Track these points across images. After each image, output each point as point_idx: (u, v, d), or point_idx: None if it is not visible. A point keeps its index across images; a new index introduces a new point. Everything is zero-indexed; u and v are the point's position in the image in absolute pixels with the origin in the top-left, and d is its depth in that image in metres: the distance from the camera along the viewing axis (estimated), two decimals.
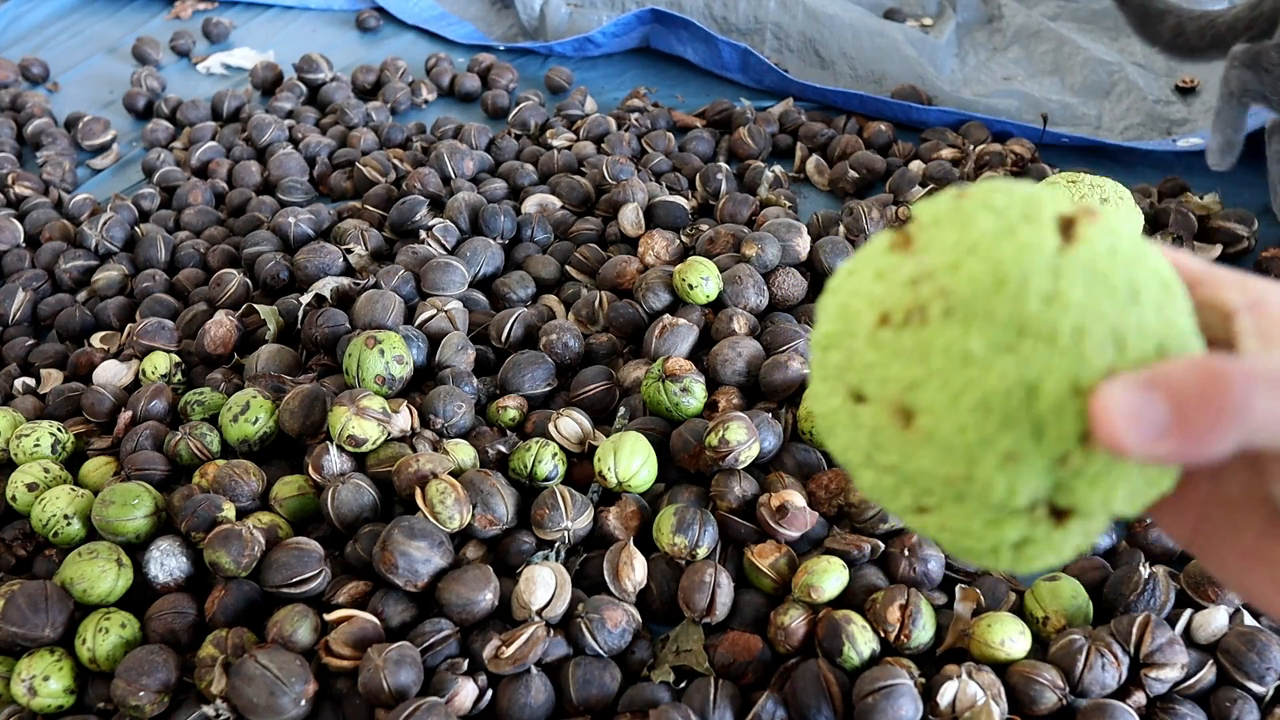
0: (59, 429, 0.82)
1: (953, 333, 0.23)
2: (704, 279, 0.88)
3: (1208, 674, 0.63)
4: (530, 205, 1.08)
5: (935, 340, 0.24)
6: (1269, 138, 1.02)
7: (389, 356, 0.80)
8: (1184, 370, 0.22)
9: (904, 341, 0.24)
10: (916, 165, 1.14)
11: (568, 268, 1.01)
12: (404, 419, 0.78)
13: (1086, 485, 0.24)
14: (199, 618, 0.68)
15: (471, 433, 0.81)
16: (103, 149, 1.35)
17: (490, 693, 0.63)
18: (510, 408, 0.82)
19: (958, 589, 0.68)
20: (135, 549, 0.72)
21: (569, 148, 1.20)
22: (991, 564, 0.26)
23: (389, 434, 0.77)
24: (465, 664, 0.64)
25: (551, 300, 0.97)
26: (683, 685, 0.64)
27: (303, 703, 0.60)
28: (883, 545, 0.71)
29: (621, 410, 0.83)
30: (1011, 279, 0.23)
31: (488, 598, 0.66)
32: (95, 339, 0.97)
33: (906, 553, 0.69)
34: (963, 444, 0.24)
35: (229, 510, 0.72)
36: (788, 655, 0.66)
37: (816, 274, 0.96)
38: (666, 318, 0.87)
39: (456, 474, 0.73)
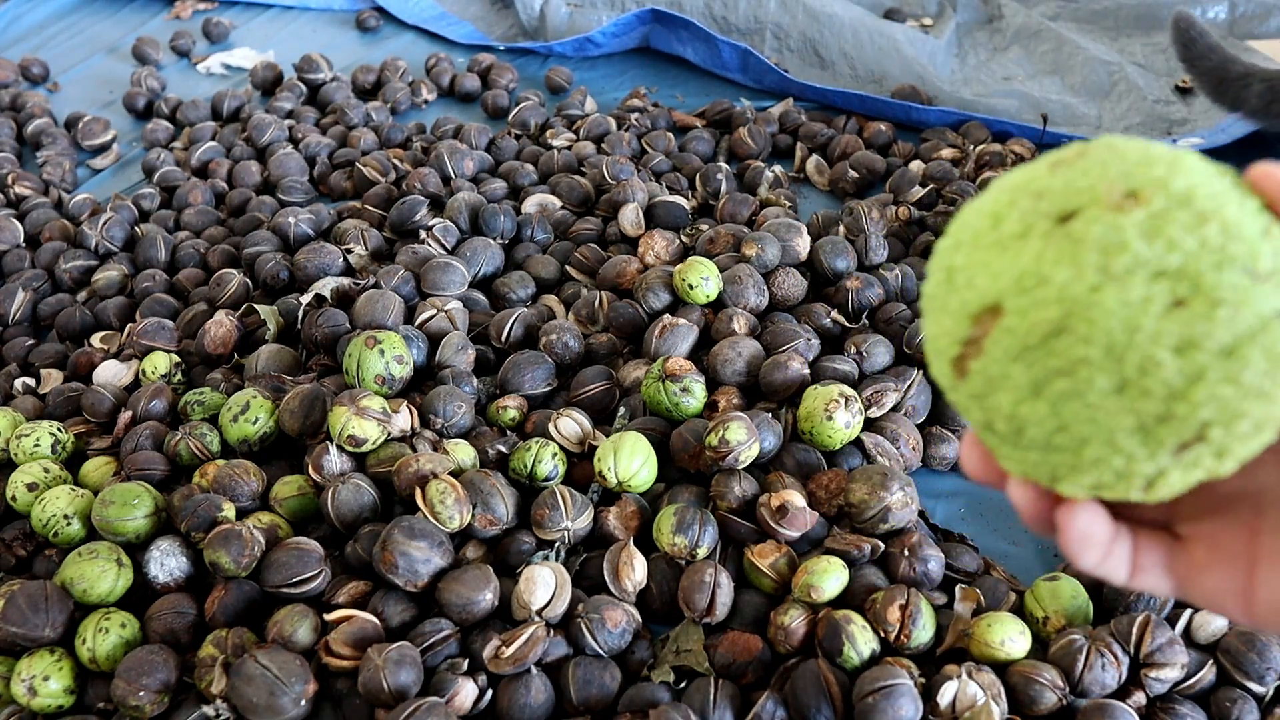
0: (59, 429, 0.82)
1: (1129, 143, 0.27)
2: (704, 279, 0.88)
3: (1208, 674, 0.63)
4: (530, 205, 1.08)
5: (1119, 147, 0.27)
6: None
7: (389, 356, 0.80)
8: None
9: (1089, 162, 0.27)
10: (916, 165, 1.14)
11: (568, 268, 1.01)
12: (404, 419, 0.78)
13: None
14: (199, 618, 0.68)
15: (471, 433, 0.81)
16: (103, 149, 1.35)
17: (490, 693, 0.63)
18: (510, 408, 0.82)
19: (958, 589, 0.68)
20: (135, 549, 0.72)
21: (569, 148, 1.20)
22: (1270, 348, 0.25)
23: (389, 434, 0.76)
24: (465, 664, 0.64)
25: (551, 300, 0.97)
26: (683, 685, 0.64)
27: (303, 703, 0.60)
28: (883, 545, 0.71)
29: (621, 410, 0.83)
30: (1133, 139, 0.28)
31: (488, 598, 0.66)
32: (95, 339, 0.97)
33: (906, 553, 0.69)
34: (1204, 195, 0.26)
35: (229, 510, 0.72)
36: (788, 655, 0.66)
37: (816, 274, 0.96)
38: (666, 318, 0.87)
39: (456, 474, 0.73)
